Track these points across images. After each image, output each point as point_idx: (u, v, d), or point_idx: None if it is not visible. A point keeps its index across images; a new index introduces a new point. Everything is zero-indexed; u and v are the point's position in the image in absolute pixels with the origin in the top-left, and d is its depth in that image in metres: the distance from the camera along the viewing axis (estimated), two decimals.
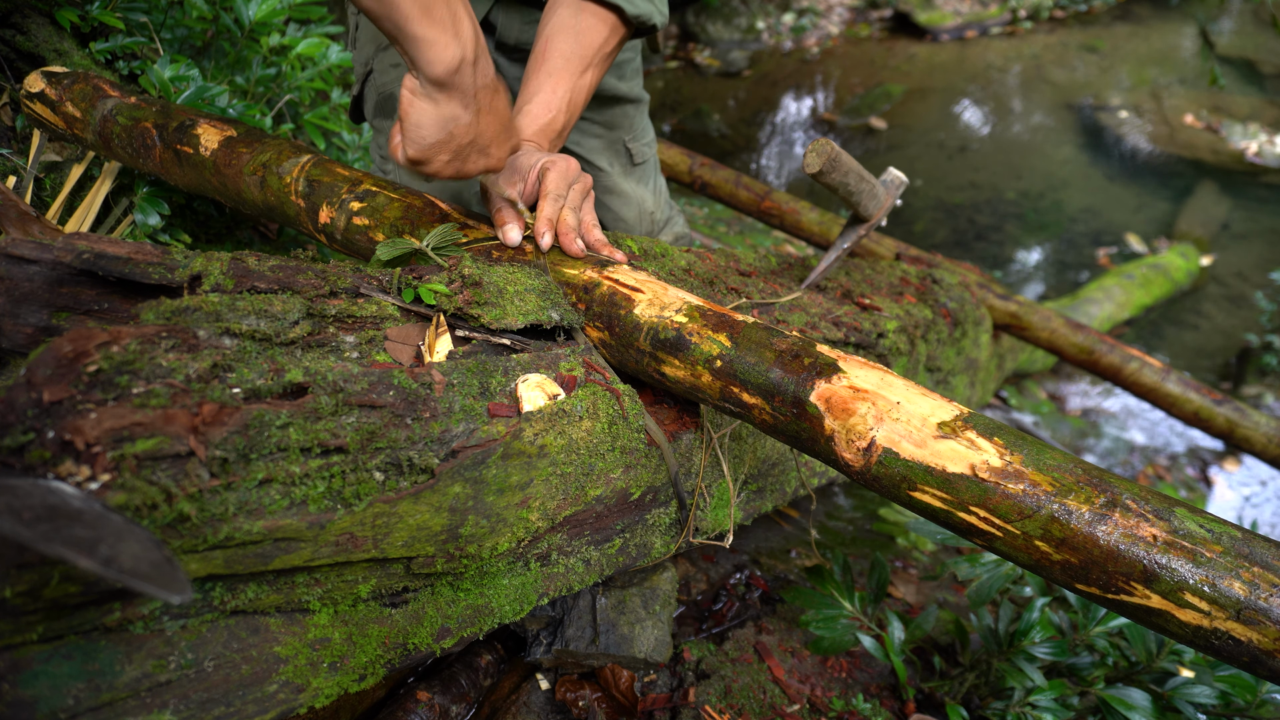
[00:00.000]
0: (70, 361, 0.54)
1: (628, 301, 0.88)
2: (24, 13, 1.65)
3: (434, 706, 1.09)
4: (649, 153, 1.65)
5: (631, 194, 1.63)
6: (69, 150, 1.63)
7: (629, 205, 1.64)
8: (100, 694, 0.59)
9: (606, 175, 1.58)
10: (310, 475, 0.61)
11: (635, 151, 1.60)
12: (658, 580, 1.26)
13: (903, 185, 1.29)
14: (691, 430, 0.96)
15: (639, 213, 1.65)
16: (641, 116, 1.61)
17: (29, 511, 0.42)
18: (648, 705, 1.20)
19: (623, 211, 1.64)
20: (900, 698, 1.32)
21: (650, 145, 1.66)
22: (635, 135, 1.60)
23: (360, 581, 0.72)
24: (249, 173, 1.18)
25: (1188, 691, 1.16)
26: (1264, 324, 3.75)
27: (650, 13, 1.18)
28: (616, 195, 1.62)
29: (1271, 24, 3.51)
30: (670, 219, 1.75)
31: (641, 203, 1.65)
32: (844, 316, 1.23)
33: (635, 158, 1.61)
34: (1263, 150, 5.04)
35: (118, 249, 0.72)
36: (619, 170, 1.60)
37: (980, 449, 0.66)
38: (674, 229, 1.77)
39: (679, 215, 1.79)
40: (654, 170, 1.70)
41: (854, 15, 7.17)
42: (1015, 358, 2.67)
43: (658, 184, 1.71)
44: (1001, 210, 4.66)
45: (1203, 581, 0.55)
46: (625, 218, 1.64)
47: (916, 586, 1.69)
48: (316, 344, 0.71)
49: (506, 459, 0.73)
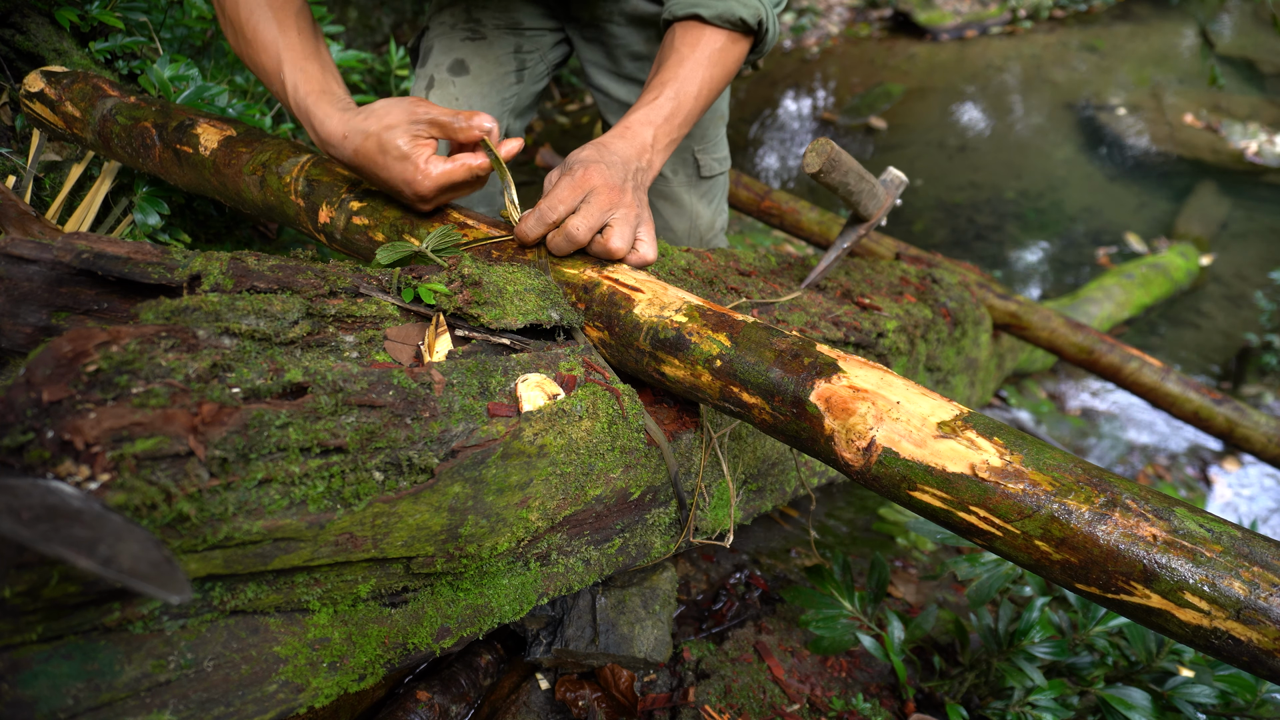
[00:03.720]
0: (70, 361, 0.54)
1: (627, 301, 0.88)
2: (23, 12, 1.64)
3: (434, 706, 1.09)
4: (719, 168, 1.60)
5: (688, 205, 1.58)
6: (68, 150, 1.63)
7: (681, 216, 1.59)
8: (100, 694, 0.59)
9: (665, 181, 1.56)
10: (310, 475, 0.61)
11: (704, 164, 1.56)
12: (658, 580, 1.26)
13: (902, 185, 1.29)
14: (691, 430, 0.96)
15: (690, 226, 1.60)
16: (716, 129, 1.57)
17: (28, 511, 0.42)
18: (647, 705, 1.20)
19: (673, 220, 1.60)
20: (900, 697, 1.32)
21: (722, 162, 1.61)
22: (706, 147, 1.56)
23: (360, 581, 0.72)
24: (248, 172, 1.18)
25: (1188, 691, 1.16)
26: (1264, 324, 3.75)
27: (759, 12, 1.11)
28: (670, 202, 1.58)
29: (1271, 24, 3.51)
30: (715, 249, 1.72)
31: (695, 217, 1.60)
32: (844, 316, 1.23)
33: (703, 170, 1.57)
34: (1262, 150, 5.03)
35: (117, 249, 0.71)
36: (681, 179, 1.56)
37: (980, 449, 0.65)
38: None
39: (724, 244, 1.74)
40: (721, 191, 1.65)
41: (854, 15, 7.17)
42: (1015, 357, 2.67)
43: (720, 206, 1.66)
44: (1001, 210, 4.65)
45: (1203, 581, 0.55)
46: (674, 228, 1.60)
47: (916, 586, 1.69)
48: (316, 344, 0.71)
49: (506, 459, 0.73)
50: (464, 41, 1.45)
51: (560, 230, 0.93)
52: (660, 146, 1.07)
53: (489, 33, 1.45)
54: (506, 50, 1.47)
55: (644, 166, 1.04)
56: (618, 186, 0.95)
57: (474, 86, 1.44)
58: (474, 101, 1.44)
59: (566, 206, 0.92)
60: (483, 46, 1.45)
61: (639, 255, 0.96)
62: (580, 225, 0.92)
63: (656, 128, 1.06)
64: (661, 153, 1.08)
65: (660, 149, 1.07)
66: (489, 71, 1.45)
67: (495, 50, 1.46)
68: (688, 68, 1.09)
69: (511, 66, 1.48)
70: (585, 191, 0.93)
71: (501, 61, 1.47)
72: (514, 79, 1.48)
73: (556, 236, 0.94)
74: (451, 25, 1.47)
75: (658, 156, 1.07)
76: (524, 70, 1.50)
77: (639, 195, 1.00)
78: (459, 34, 1.46)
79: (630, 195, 0.97)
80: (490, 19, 1.46)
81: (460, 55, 1.44)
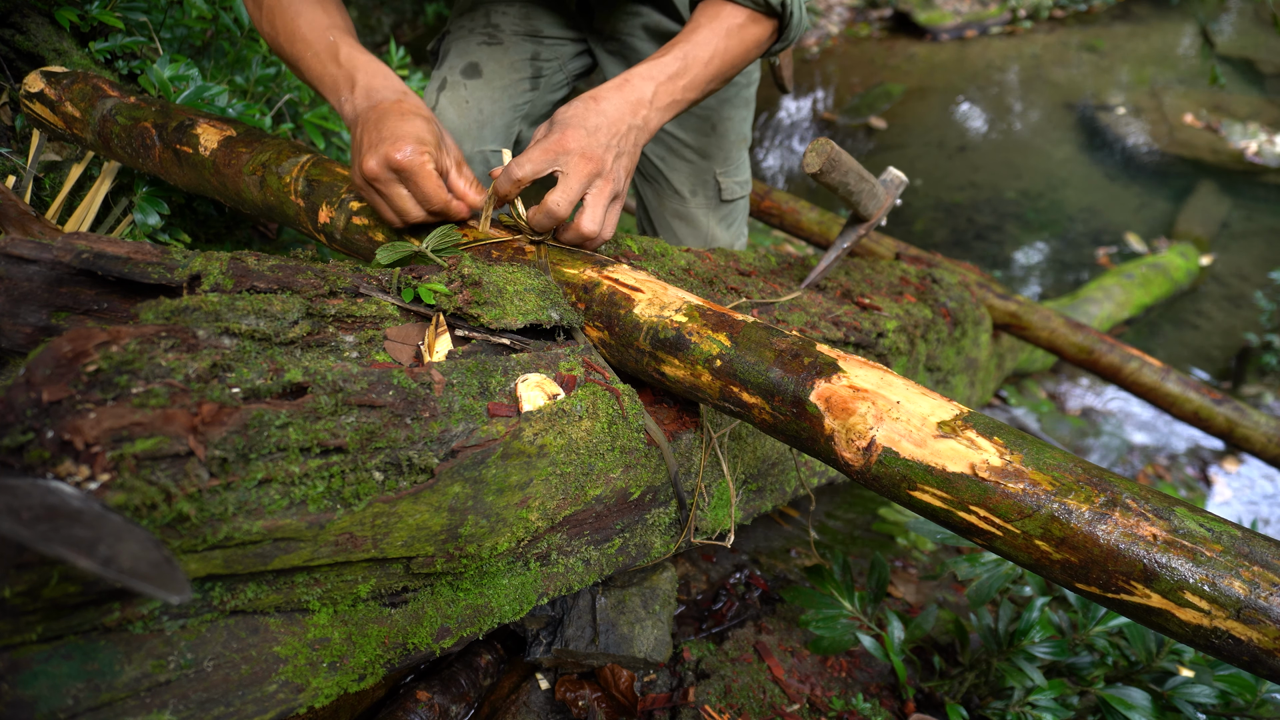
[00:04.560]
0: (69, 361, 0.54)
1: (627, 301, 0.88)
2: (23, 12, 1.65)
3: (434, 706, 1.09)
4: (740, 192, 1.59)
5: (704, 228, 1.58)
6: (68, 150, 1.63)
7: (696, 237, 1.59)
8: (99, 694, 0.59)
9: (684, 201, 1.55)
10: (310, 475, 0.61)
11: (725, 188, 1.55)
12: (657, 580, 1.26)
13: (902, 185, 1.29)
14: (691, 430, 0.96)
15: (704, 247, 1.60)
16: (739, 151, 1.55)
17: (28, 511, 0.42)
18: (647, 705, 1.20)
19: (686, 239, 1.59)
20: (900, 697, 1.32)
21: (744, 185, 1.59)
22: (729, 170, 1.54)
23: (360, 581, 0.72)
24: (248, 172, 1.18)
25: (1187, 691, 1.16)
26: (1264, 323, 3.75)
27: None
28: (686, 223, 1.57)
29: (1271, 23, 3.51)
30: None
31: (711, 240, 1.59)
32: (844, 316, 1.23)
33: (724, 193, 1.56)
34: (1262, 150, 5.03)
35: (117, 248, 0.71)
36: (700, 201, 1.56)
37: (980, 448, 0.65)
38: None
39: None
40: (741, 216, 1.64)
41: (854, 15, 7.17)
42: (1015, 357, 2.67)
43: (739, 231, 1.65)
44: (1001, 210, 4.65)
45: (1203, 580, 0.55)
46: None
47: (916, 586, 1.69)
48: (316, 344, 0.71)
49: (506, 459, 0.73)
50: (480, 46, 1.44)
51: (540, 207, 0.93)
52: (660, 104, 1.02)
53: (506, 39, 1.45)
54: (523, 57, 1.46)
55: (639, 124, 1.00)
56: (596, 153, 0.93)
57: (485, 90, 1.43)
58: (484, 105, 1.43)
59: (534, 166, 0.92)
60: (498, 51, 1.44)
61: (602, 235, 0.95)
62: (561, 201, 0.91)
63: (658, 84, 1.02)
64: (660, 112, 1.03)
65: (660, 107, 1.02)
66: (501, 76, 1.44)
67: (511, 56, 1.45)
68: (702, 35, 1.06)
69: (527, 73, 1.46)
70: (558, 155, 0.92)
71: (516, 67, 1.45)
72: (528, 85, 1.47)
73: (537, 214, 0.93)
74: (470, 29, 1.46)
75: (655, 115, 1.02)
76: (540, 78, 1.49)
77: (621, 163, 0.97)
78: (476, 38, 1.45)
79: (610, 164, 0.94)
80: (509, 25, 1.45)
81: (474, 59, 1.44)
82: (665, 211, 1.60)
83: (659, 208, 1.62)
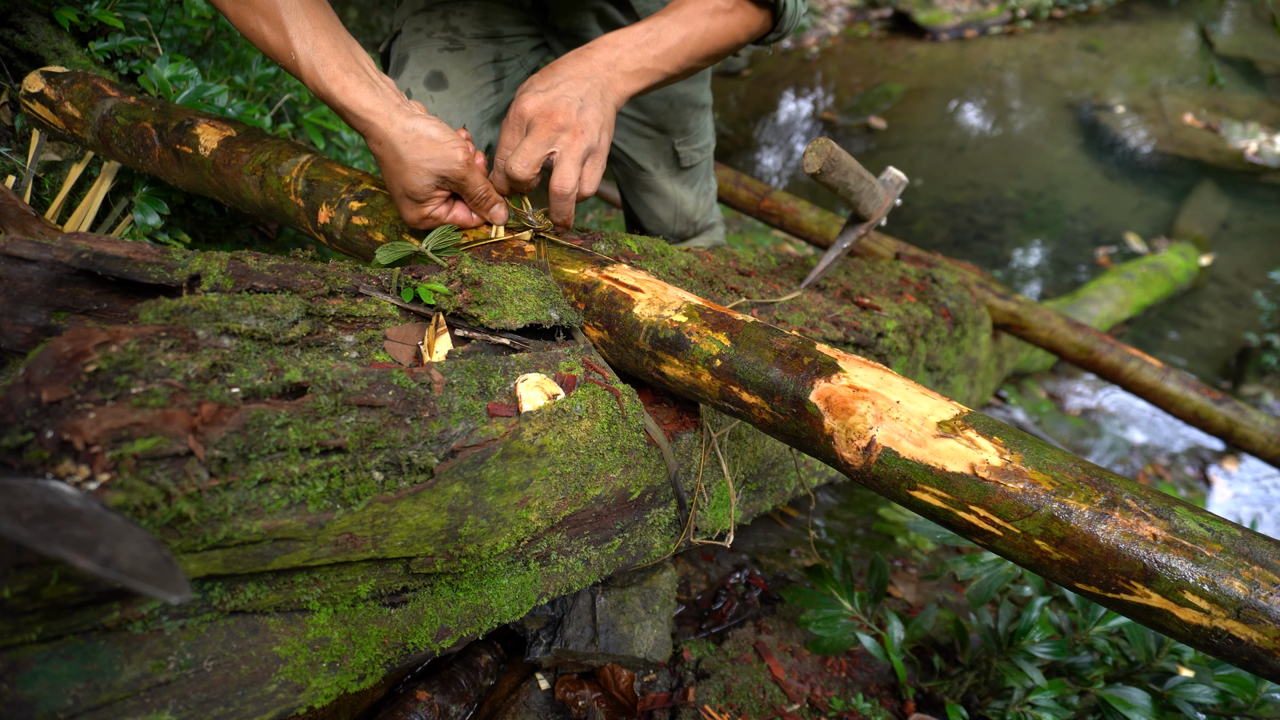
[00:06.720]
0: (69, 361, 0.54)
1: (627, 301, 0.88)
2: (23, 12, 1.64)
3: (433, 706, 1.09)
4: (699, 157, 1.63)
5: (671, 195, 1.64)
6: (68, 150, 1.63)
7: (666, 205, 1.65)
8: (99, 694, 0.59)
9: (649, 175, 1.60)
10: (309, 475, 0.61)
11: (683, 155, 1.59)
12: (657, 580, 1.26)
13: (902, 185, 1.28)
14: (691, 430, 0.96)
15: (675, 214, 1.66)
16: (697, 120, 1.57)
17: (28, 511, 0.42)
18: (647, 705, 1.20)
19: (658, 210, 1.66)
20: (900, 697, 1.32)
21: (704, 150, 1.63)
22: (688, 139, 1.58)
23: (360, 581, 0.72)
24: (248, 172, 1.18)
25: (1187, 691, 1.16)
26: (1264, 323, 3.75)
27: None
28: (655, 194, 1.63)
29: (1271, 24, 3.51)
30: (711, 226, 1.74)
31: (680, 204, 1.66)
32: (843, 316, 1.23)
33: (683, 161, 1.60)
34: (1262, 150, 5.03)
35: (117, 248, 0.71)
36: (663, 171, 1.60)
37: (980, 448, 0.65)
38: (712, 236, 1.76)
39: (720, 225, 1.78)
40: (704, 174, 1.69)
41: (853, 15, 7.17)
42: (1015, 357, 2.67)
43: (705, 187, 1.70)
44: (1001, 210, 4.65)
45: (1203, 580, 0.55)
46: (660, 216, 1.66)
47: (916, 586, 1.69)
48: (316, 344, 0.71)
49: (506, 459, 0.73)
50: (442, 52, 1.39)
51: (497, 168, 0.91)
52: (627, 69, 0.99)
53: (468, 43, 1.40)
54: (485, 60, 1.42)
55: (602, 82, 0.96)
56: (558, 108, 0.90)
57: (452, 100, 1.39)
58: (452, 117, 1.39)
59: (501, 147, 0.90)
60: (461, 58, 1.40)
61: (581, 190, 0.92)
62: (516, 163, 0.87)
63: (624, 50, 0.98)
64: (627, 78, 0.99)
65: (627, 71, 0.99)
66: (467, 84, 1.41)
67: (474, 61, 1.41)
68: (685, 11, 1.03)
69: (491, 76, 1.43)
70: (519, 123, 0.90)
71: (480, 73, 1.42)
72: (493, 89, 1.44)
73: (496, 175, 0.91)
74: (428, 34, 1.41)
75: (621, 79, 0.98)
76: (503, 79, 1.46)
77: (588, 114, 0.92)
78: (436, 43, 1.40)
79: (575, 117, 0.91)
80: (469, 28, 1.41)
81: (438, 67, 1.39)
82: (636, 187, 1.64)
83: (629, 186, 1.66)
